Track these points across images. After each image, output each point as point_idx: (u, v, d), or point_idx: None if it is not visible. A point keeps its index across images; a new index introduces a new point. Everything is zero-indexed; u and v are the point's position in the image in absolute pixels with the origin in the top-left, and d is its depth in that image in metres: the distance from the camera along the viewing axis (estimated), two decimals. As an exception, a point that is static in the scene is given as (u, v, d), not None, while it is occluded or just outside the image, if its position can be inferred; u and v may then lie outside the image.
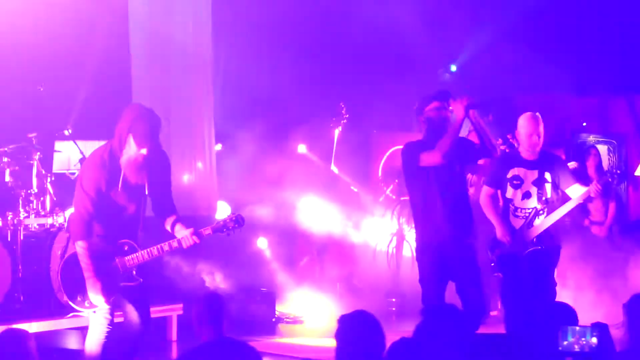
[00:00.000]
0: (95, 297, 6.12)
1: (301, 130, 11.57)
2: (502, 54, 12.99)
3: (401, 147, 11.89)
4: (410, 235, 10.66)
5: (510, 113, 13.00)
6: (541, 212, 7.74)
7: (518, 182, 7.76)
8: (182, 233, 6.24)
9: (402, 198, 11.16)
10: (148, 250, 6.21)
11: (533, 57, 13.17)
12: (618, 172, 9.64)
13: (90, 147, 9.45)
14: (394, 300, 10.71)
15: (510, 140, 11.29)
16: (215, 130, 11.02)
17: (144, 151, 6.10)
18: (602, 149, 13.33)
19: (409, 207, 10.67)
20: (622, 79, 13.33)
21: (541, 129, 7.81)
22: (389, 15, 12.27)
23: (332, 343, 9.19)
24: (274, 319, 10.15)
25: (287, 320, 10.28)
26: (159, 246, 6.20)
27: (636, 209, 12.81)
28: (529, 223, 7.73)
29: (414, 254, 9.76)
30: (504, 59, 13.02)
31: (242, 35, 11.63)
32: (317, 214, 11.09)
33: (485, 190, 7.94)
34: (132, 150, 6.10)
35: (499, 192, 7.86)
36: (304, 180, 11.18)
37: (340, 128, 11.25)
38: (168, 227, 6.34)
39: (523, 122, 7.87)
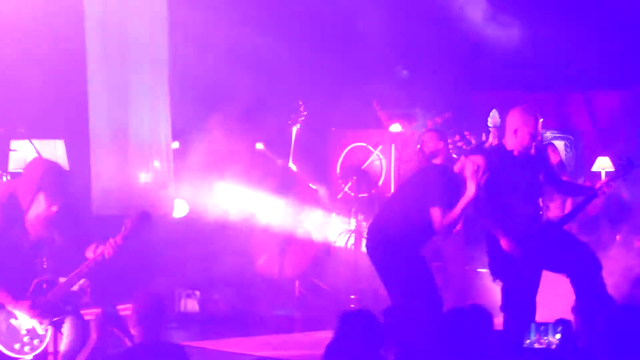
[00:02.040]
0: (30, 318, 6.12)
1: (259, 127, 11.58)
2: (459, 50, 13.14)
3: (359, 144, 12.23)
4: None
5: (467, 110, 13.23)
6: (540, 214, 7.46)
7: (515, 185, 7.35)
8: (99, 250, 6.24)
9: (360, 195, 11.32)
10: (68, 279, 6.21)
11: (489, 53, 13.32)
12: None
13: (46, 146, 9.54)
14: (353, 297, 10.75)
15: (468, 137, 11.43)
16: (172, 127, 11.03)
17: (54, 208, 6.14)
18: (560, 144, 13.56)
19: (366, 205, 10.95)
20: (580, 75, 13.51)
21: (540, 126, 7.42)
22: (348, 12, 12.32)
23: (290, 339, 9.39)
24: (234, 317, 10.21)
25: (247, 317, 10.31)
26: (76, 271, 6.19)
27: (594, 205, 13.02)
28: (531, 228, 7.35)
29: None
30: (461, 55, 13.16)
31: (199, 30, 11.63)
32: (275, 211, 11.15)
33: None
34: (41, 208, 6.12)
35: None
36: (262, 177, 11.25)
37: (298, 125, 11.35)
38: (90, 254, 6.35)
39: (521, 118, 7.36)
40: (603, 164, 12.69)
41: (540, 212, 7.51)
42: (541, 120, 7.42)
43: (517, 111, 7.44)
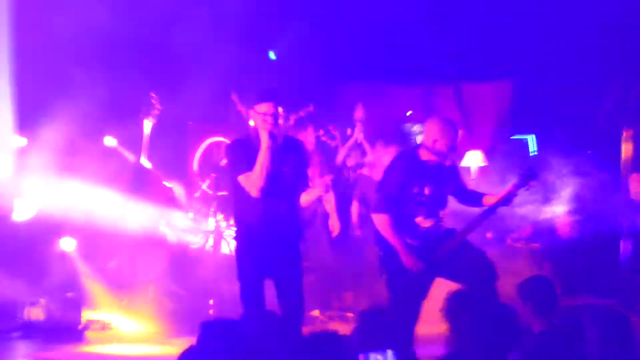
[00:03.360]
0: None
1: (110, 121, 11.39)
2: (323, 40, 13.20)
3: (218, 139, 12.21)
4: (229, 233, 10.82)
5: (332, 103, 13.30)
6: (441, 228, 7.58)
7: (423, 199, 7.50)
8: None
9: (219, 193, 11.26)
10: None
11: (355, 45, 13.42)
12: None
13: None
14: (211, 302, 10.75)
15: (332, 131, 11.50)
16: (17, 122, 10.82)
17: None
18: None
19: (226, 204, 10.88)
20: (449, 68, 13.71)
21: (459, 138, 7.52)
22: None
23: (142, 350, 9.34)
24: (80, 326, 10.13)
25: (96, 327, 10.30)
26: None
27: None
28: (432, 241, 7.51)
29: (233, 253, 9.94)
30: (325, 46, 13.21)
31: (44, 19, 11.47)
32: (128, 212, 10.96)
33: (383, 201, 7.49)
34: None
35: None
36: (113, 175, 11.05)
37: (151, 119, 11.08)
38: None
39: (440, 128, 7.45)
40: (473, 159, 12.91)
41: (440, 223, 7.62)
42: (461, 132, 7.55)
43: (436, 121, 7.56)
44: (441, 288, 7.33)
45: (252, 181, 7.20)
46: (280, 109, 7.25)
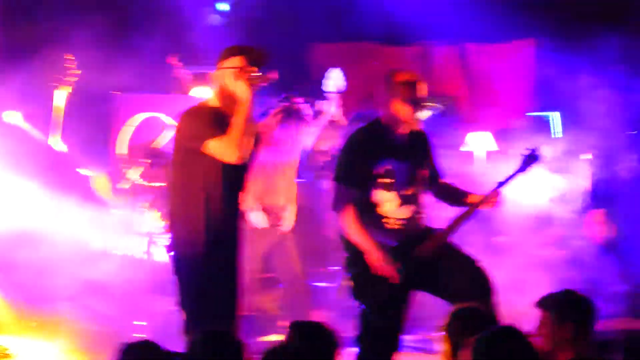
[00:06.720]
0: None
1: (11, 90, 11.34)
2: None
3: (153, 115, 12.17)
4: (165, 238, 10.68)
5: (301, 68, 13.25)
6: (419, 221, 7.56)
7: (392, 181, 7.46)
8: None
9: (155, 184, 11.24)
10: None
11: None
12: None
13: None
14: (146, 323, 10.72)
15: (294, 101, 11.48)
16: None
17: None
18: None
19: (162, 197, 10.81)
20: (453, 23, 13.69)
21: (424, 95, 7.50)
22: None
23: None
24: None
25: None
26: None
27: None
28: (407, 238, 7.46)
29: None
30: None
31: None
32: (37, 208, 10.92)
33: (344, 190, 7.50)
34: None
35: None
36: (16, 160, 11.00)
37: (67, 88, 11.02)
38: None
39: (404, 86, 7.47)
40: (481, 142, 12.86)
41: (420, 216, 7.61)
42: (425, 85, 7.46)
43: (397, 74, 7.51)
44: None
45: (229, 141, 7.12)
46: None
